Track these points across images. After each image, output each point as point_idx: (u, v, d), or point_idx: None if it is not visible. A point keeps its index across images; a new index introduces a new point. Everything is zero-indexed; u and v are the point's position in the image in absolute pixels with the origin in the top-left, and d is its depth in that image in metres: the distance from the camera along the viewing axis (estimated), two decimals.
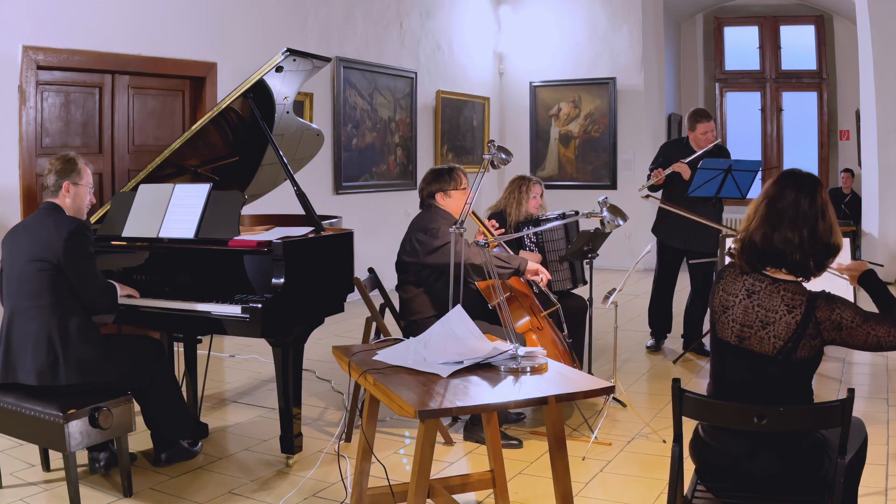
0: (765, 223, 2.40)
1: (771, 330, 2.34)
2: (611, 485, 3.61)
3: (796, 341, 2.31)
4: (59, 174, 3.48)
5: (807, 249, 2.36)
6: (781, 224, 2.37)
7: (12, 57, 5.17)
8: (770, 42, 11.47)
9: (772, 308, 2.35)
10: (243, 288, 3.67)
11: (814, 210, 2.37)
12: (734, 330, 2.41)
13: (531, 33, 10.87)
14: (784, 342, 2.32)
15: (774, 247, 2.37)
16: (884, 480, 3.53)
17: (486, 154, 3.49)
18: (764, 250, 2.39)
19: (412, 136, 9.31)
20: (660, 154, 6.01)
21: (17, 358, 3.32)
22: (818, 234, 2.36)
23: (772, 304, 2.35)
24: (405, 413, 2.39)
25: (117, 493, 3.44)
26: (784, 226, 2.37)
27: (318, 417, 4.56)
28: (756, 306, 2.37)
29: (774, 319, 2.34)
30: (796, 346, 2.32)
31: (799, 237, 2.35)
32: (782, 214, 2.38)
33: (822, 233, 2.37)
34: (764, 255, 2.40)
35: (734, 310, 2.42)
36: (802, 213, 2.37)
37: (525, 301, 4.35)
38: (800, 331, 2.30)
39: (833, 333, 2.30)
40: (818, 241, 2.36)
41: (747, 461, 2.38)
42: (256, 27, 7.03)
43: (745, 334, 2.39)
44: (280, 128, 4.34)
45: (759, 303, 2.37)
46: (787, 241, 2.36)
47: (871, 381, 5.23)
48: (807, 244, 2.36)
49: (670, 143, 6.17)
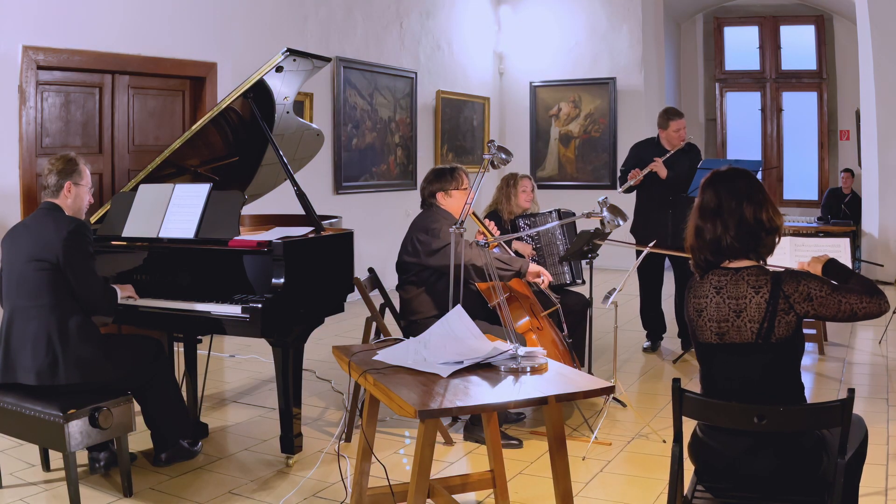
0: (696, 222, 2.52)
1: (745, 315, 2.39)
2: (611, 485, 3.61)
3: (771, 319, 2.36)
4: (60, 174, 3.48)
5: (740, 231, 2.44)
6: (706, 217, 2.48)
7: (12, 57, 5.17)
8: (770, 42, 11.47)
9: (740, 295, 2.41)
10: (243, 288, 3.67)
11: (733, 196, 2.46)
12: (712, 329, 2.46)
13: (531, 33, 10.87)
14: (759, 323, 2.37)
15: (709, 239, 2.47)
16: (884, 480, 3.53)
17: (486, 154, 3.50)
18: (703, 247, 2.49)
19: (412, 136, 9.31)
20: (631, 155, 5.98)
21: (17, 358, 3.32)
22: (744, 215, 2.44)
23: (739, 292, 2.41)
24: (405, 413, 2.39)
25: (117, 493, 3.44)
26: (709, 218, 2.48)
27: (318, 417, 4.56)
28: (726, 299, 2.43)
29: (745, 304, 2.39)
30: (772, 324, 2.36)
31: (723, 224, 2.45)
32: (705, 209, 2.50)
33: (749, 213, 2.45)
34: (706, 250, 2.49)
35: (708, 310, 2.47)
36: (720, 202, 2.47)
37: (525, 301, 4.35)
38: (771, 308, 2.36)
39: (805, 305, 2.36)
40: (745, 221, 2.44)
41: (747, 461, 2.38)
42: (256, 27, 7.03)
43: (723, 329, 2.43)
44: (280, 128, 4.34)
45: (727, 294, 2.43)
46: (715, 231, 2.46)
47: (871, 381, 5.23)
48: (734, 228, 2.44)
49: (641, 143, 6.10)
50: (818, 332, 5.88)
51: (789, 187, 11.48)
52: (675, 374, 5.47)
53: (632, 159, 5.90)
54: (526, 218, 5.09)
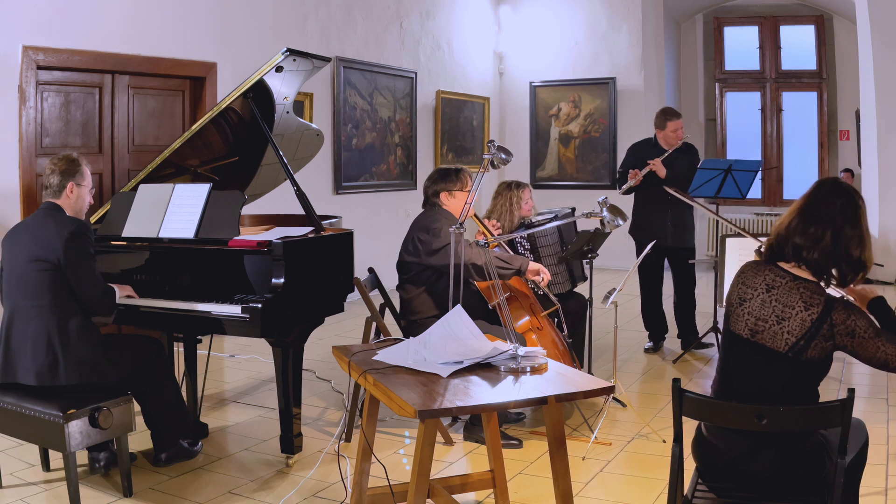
0: (796, 215, 2.43)
1: (786, 325, 2.34)
2: (611, 485, 3.61)
3: (809, 340, 2.31)
4: (63, 174, 3.47)
5: (828, 250, 2.36)
6: (809, 217, 2.39)
7: (12, 57, 5.17)
8: (770, 42, 11.46)
9: (789, 304, 2.35)
10: (243, 288, 3.67)
11: (845, 214, 2.38)
12: (748, 323, 2.42)
13: (531, 33, 10.87)
14: (797, 339, 2.33)
15: (796, 239, 2.39)
16: (884, 480, 3.53)
17: (486, 154, 3.50)
18: (787, 239, 2.42)
19: (412, 136, 9.31)
20: (629, 156, 5.99)
21: (17, 358, 3.31)
22: (842, 238, 2.37)
23: (790, 300, 2.36)
24: (405, 413, 2.39)
25: (117, 493, 3.44)
26: (811, 220, 2.39)
27: (318, 417, 4.56)
28: (774, 300, 2.38)
29: (790, 315, 2.34)
30: (808, 344, 2.32)
31: (822, 234, 2.37)
32: (813, 208, 2.41)
33: (847, 238, 2.37)
34: (784, 245, 2.42)
35: (751, 302, 2.42)
36: (832, 212, 2.38)
37: (525, 301, 4.35)
38: (814, 329, 2.31)
39: (845, 339, 2.31)
40: (840, 245, 2.36)
41: (749, 460, 2.38)
42: (256, 27, 7.03)
43: (759, 328, 2.39)
44: (280, 128, 4.34)
45: (777, 297, 2.38)
46: (809, 236, 2.38)
47: (871, 381, 5.23)
48: (829, 245, 2.36)
49: (638, 143, 6.10)
50: None
51: (789, 187, 11.47)
52: (676, 374, 5.47)
53: (630, 160, 5.91)
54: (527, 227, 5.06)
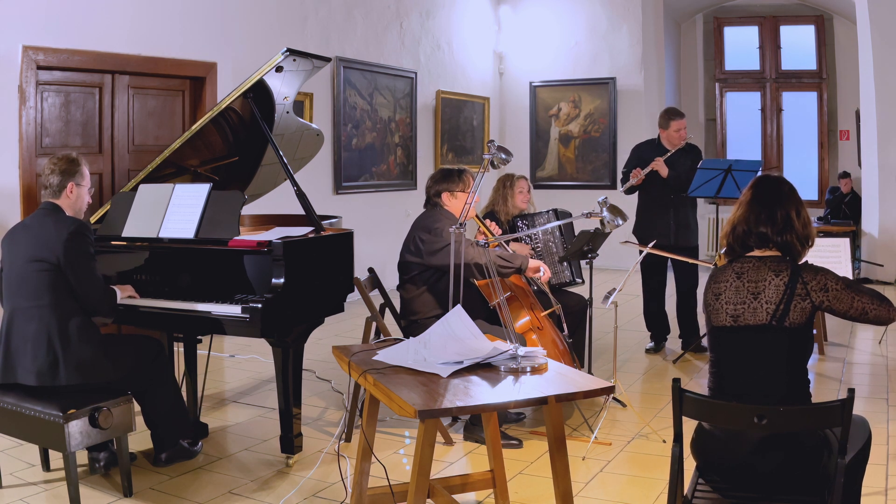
0: (751, 210, 2.56)
1: (762, 297, 2.45)
2: (611, 485, 3.61)
3: (787, 302, 2.41)
4: (63, 174, 3.47)
5: (796, 229, 2.52)
6: (769, 206, 2.53)
7: (12, 57, 5.17)
8: (770, 42, 11.47)
9: (760, 278, 2.48)
10: (243, 288, 3.67)
11: (794, 198, 2.57)
12: (728, 311, 2.50)
13: (531, 33, 10.87)
14: (776, 305, 2.42)
15: (761, 228, 2.52)
16: (884, 480, 3.53)
17: (486, 154, 3.49)
18: (750, 232, 2.54)
19: (412, 136, 9.31)
20: (632, 156, 5.99)
21: (17, 358, 3.31)
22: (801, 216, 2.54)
23: (759, 276, 2.48)
24: (405, 413, 2.39)
25: (117, 493, 3.44)
26: (773, 207, 2.53)
27: (318, 417, 4.56)
28: (746, 283, 2.50)
29: (764, 287, 2.46)
30: (788, 307, 2.41)
31: (787, 216, 2.51)
32: (768, 198, 2.55)
33: (804, 217, 2.55)
34: (747, 239, 2.55)
35: (726, 293, 2.52)
36: (785, 197, 2.54)
37: (525, 301, 4.35)
38: (789, 291, 2.42)
39: (821, 295, 2.42)
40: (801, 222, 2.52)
41: (750, 459, 2.38)
42: (256, 27, 7.03)
43: (739, 311, 2.48)
44: (280, 128, 4.34)
45: (748, 279, 2.50)
46: (777, 221, 2.51)
47: (871, 381, 5.23)
48: (796, 224, 2.51)
49: (642, 144, 6.12)
50: (818, 331, 5.88)
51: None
52: (676, 373, 5.47)
53: (633, 160, 5.91)
54: (523, 219, 5.09)
